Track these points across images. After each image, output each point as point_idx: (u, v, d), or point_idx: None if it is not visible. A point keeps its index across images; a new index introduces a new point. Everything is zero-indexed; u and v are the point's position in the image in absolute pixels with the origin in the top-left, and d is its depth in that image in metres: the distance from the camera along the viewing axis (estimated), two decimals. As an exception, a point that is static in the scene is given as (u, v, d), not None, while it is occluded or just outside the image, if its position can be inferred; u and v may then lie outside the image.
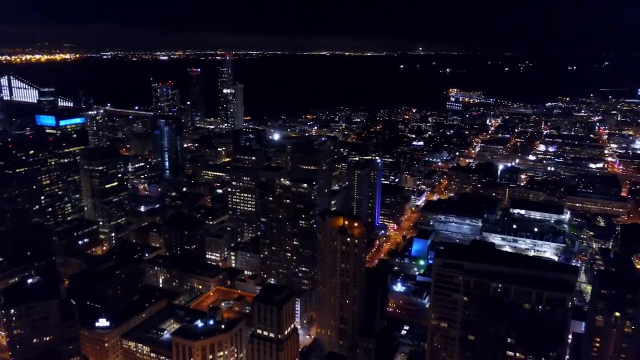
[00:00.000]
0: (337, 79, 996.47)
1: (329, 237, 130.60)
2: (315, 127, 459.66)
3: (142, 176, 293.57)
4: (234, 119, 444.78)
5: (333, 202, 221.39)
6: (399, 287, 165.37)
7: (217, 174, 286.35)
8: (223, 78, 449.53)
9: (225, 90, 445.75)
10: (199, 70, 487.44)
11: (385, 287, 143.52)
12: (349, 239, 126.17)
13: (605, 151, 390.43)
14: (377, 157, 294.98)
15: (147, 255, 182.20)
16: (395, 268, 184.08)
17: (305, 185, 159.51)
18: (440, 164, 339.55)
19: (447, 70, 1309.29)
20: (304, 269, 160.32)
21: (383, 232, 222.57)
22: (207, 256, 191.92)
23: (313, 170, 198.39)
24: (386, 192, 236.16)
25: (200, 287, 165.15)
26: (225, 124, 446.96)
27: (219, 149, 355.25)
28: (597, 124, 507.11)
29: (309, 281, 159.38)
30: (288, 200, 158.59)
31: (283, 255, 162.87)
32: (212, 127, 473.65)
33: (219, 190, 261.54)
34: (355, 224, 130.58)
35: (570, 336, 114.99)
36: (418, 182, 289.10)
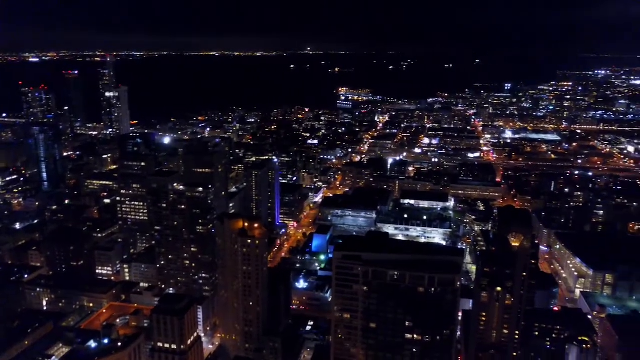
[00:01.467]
0: (229, 79, 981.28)
1: (229, 241, 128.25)
2: (208, 129, 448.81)
3: (15, 190, 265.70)
4: (119, 123, 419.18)
5: (231, 204, 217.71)
6: (301, 284, 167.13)
7: (104, 182, 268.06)
8: (105, 80, 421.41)
9: (107, 94, 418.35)
10: (76, 72, 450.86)
11: (288, 285, 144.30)
12: (249, 241, 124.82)
13: (481, 141, 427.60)
14: (273, 157, 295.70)
15: (26, 276, 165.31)
16: (297, 265, 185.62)
17: (200, 189, 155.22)
18: (334, 160, 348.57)
19: (336, 69, 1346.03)
20: (204, 275, 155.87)
21: (284, 230, 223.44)
22: (97, 271, 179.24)
23: (208, 173, 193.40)
24: (285, 191, 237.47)
25: (91, 305, 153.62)
26: (110, 130, 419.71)
27: (104, 156, 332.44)
28: (473, 117, 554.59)
29: (210, 287, 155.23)
30: (183, 206, 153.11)
31: (181, 263, 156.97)
32: (95, 133, 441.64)
33: (107, 200, 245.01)
34: (256, 225, 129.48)
35: (460, 314, 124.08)
36: (315, 180, 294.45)
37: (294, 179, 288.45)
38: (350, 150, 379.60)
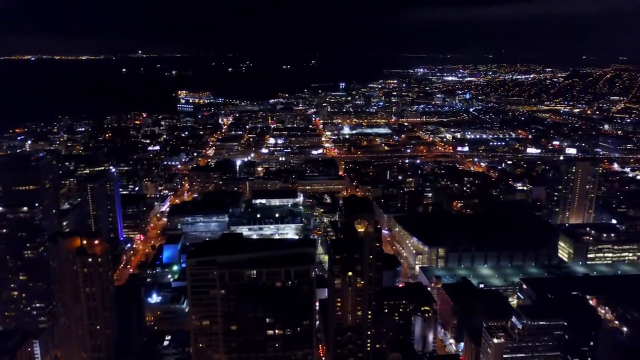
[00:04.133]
0: (51, 86, 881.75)
1: (66, 262, 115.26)
2: (29, 142, 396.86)
3: None
4: None
5: (65, 222, 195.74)
6: (154, 299, 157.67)
7: None
8: None
9: None
10: None
11: (139, 301, 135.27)
12: (90, 260, 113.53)
13: (323, 138, 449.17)
14: (111, 167, 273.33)
15: None
16: (148, 280, 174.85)
17: (25, 208, 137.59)
18: (179, 166, 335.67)
19: (173, 72, 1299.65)
20: (38, 305, 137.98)
21: (129, 245, 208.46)
22: None
23: (33, 191, 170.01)
24: (127, 202, 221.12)
25: None
26: None
27: None
28: (313, 116, 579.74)
29: (47, 317, 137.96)
30: (4, 230, 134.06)
31: (8, 295, 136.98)
32: None
33: None
34: (96, 242, 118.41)
35: (317, 303, 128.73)
36: (160, 188, 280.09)
37: (136, 188, 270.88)
38: (195, 154, 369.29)
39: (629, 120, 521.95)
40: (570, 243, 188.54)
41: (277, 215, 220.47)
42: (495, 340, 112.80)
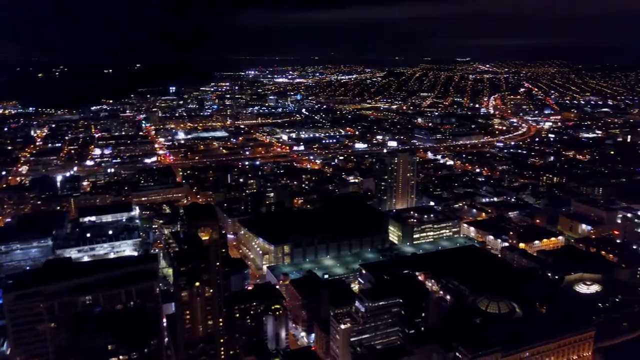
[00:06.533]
0: None
1: None
2: None
3: None
4: None
5: None
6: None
7: None
8: None
9: None
10: None
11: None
12: None
13: (156, 145, 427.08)
14: None
15: None
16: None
17: None
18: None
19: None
20: None
21: None
22: None
23: None
24: None
25: None
26: None
27: None
28: (143, 122, 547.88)
29: None
30: None
31: None
32: None
33: None
34: None
35: (165, 320, 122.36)
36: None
37: None
38: (4, 172, 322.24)
39: (436, 114, 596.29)
40: (398, 227, 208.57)
41: (110, 232, 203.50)
42: (342, 326, 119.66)
